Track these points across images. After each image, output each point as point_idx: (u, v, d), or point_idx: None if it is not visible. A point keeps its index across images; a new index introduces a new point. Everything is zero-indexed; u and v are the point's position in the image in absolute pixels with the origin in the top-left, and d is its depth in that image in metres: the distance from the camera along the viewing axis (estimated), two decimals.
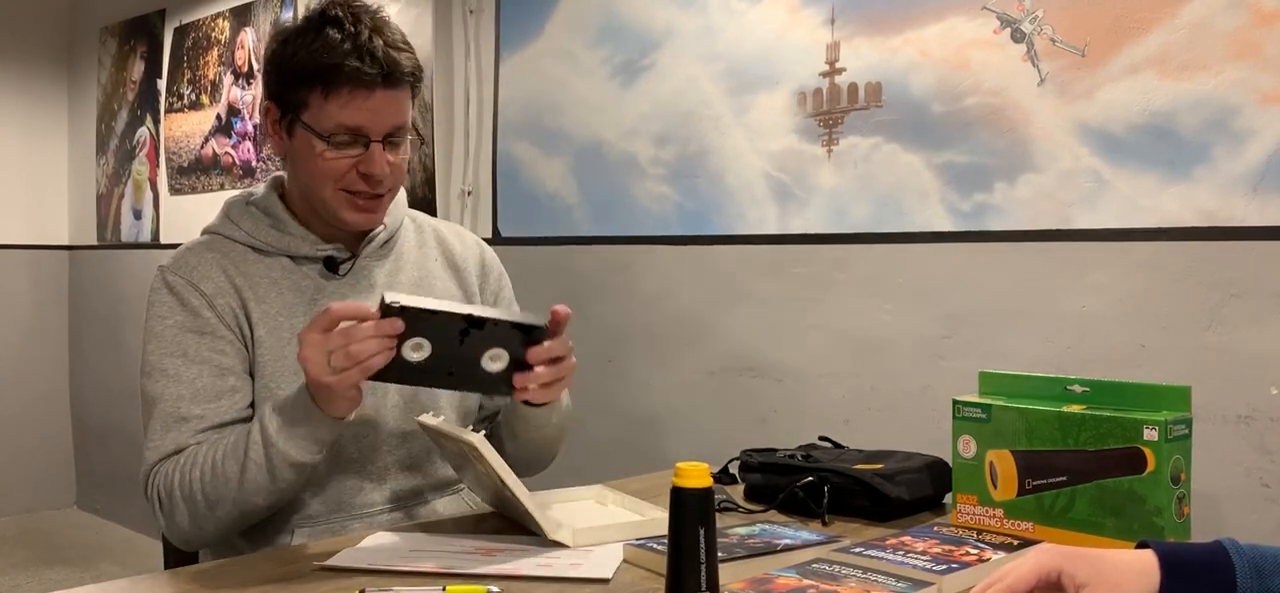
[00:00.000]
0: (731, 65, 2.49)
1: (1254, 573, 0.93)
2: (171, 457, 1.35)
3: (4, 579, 3.92)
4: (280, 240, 1.45)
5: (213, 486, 1.30)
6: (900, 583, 1.08)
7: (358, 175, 1.39)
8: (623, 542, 1.25)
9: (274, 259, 1.45)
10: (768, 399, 2.43)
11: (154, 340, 1.40)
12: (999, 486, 1.32)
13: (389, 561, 1.18)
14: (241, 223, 1.46)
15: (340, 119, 1.36)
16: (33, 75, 4.87)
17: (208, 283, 1.41)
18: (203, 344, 1.38)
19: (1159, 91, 1.86)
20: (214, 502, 1.31)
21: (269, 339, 1.41)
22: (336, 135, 1.37)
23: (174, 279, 1.41)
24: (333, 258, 1.46)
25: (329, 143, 1.37)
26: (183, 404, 1.36)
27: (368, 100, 1.35)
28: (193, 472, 1.32)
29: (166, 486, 1.34)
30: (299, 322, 1.42)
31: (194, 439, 1.35)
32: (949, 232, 2.13)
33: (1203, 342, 1.82)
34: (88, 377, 4.92)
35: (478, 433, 1.25)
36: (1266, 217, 1.75)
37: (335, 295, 1.46)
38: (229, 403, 1.38)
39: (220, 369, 1.38)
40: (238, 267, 1.43)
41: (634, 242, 2.70)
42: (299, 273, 1.46)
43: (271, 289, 1.43)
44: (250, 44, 3.95)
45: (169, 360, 1.38)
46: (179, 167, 4.32)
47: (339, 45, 1.34)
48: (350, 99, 1.35)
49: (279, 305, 1.43)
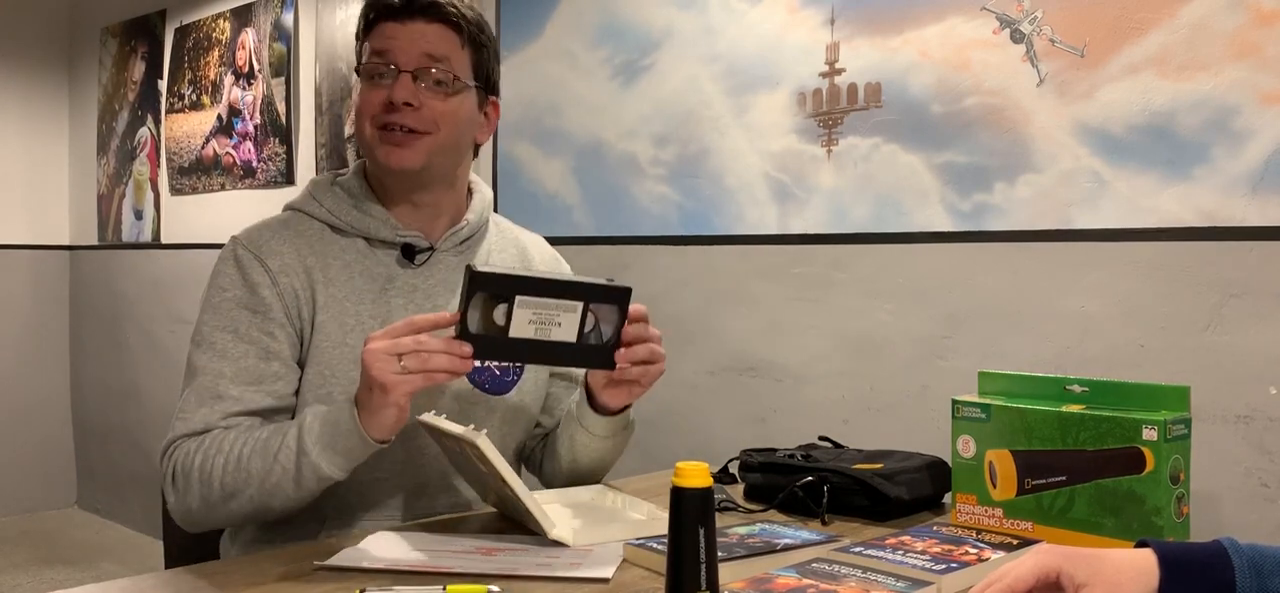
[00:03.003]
0: (731, 65, 2.49)
1: (1253, 573, 0.93)
2: (197, 435, 1.34)
3: (4, 579, 3.92)
4: (360, 221, 1.44)
5: (234, 478, 1.28)
6: (900, 583, 1.09)
7: (385, 103, 1.38)
8: (623, 542, 1.25)
9: (350, 240, 1.44)
10: (767, 399, 2.43)
11: (210, 310, 1.39)
12: (998, 485, 1.32)
13: (389, 560, 1.18)
14: (323, 200, 1.46)
15: (372, 46, 1.39)
16: (33, 76, 4.87)
17: (275, 258, 1.39)
18: (255, 324, 1.37)
19: (1159, 91, 1.86)
20: (231, 493, 1.29)
21: (331, 325, 1.39)
22: (369, 64, 1.39)
23: (242, 252, 1.40)
24: (410, 245, 1.45)
25: (363, 78, 1.39)
26: (222, 382, 1.35)
27: (399, 28, 1.38)
28: (217, 458, 1.30)
29: (185, 464, 1.32)
30: (365, 309, 1.41)
31: (223, 422, 1.34)
32: (949, 232, 2.13)
33: (1202, 342, 1.82)
34: (88, 377, 4.92)
35: (479, 432, 1.25)
36: (1266, 217, 1.75)
37: (407, 285, 1.45)
38: (268, 388, 1.36)
39: (266, 352, 1.37)
40: (312, 246, 1.42)
41: (634, 242, 2.70)
42: (373, 257, 1.44)
43: (343, 272, 1.42)
44: (251, 44, 3.95)
45: (219, 335, 1.37)
46: (180, 167, 4.32)
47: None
48: (382, 27, 1.39)
49: (348, 290, 1.41)
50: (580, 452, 1.51)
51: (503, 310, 1.24)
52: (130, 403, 4.61)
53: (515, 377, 1.51)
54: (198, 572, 1.20)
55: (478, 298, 1.23)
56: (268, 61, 3.87)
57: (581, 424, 1.49)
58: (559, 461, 1.55)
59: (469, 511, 1.50)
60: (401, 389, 1.20)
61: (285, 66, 3.79)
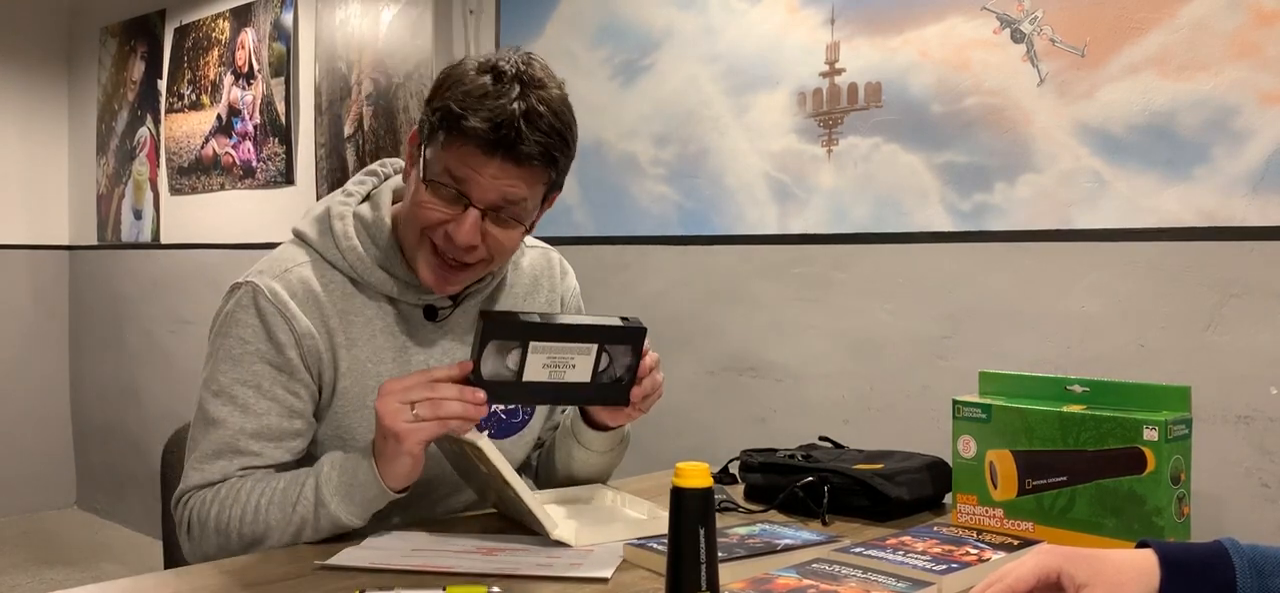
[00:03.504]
0: (731, 65, 2.49)
1: (1254, 573, 0.93)
2: (212, 486, 1.31)
3: (4, 579, 3.92)
4: (384, 283, 1.37)
5: (252, 527, 1.27)
6: (900, 583, 1.08)
7: (446, 234, 1.29)
8: (623, 542, 1.25)
9: (373, 294, 1.38)
10: (767, 399, 2.43)
11: (230, 362, 1.32)
12: (999, 485, 1.32)
13: (389, 560, 1.18)
14: (347, 254, 1.37)
15: (447, 164, 1.26)
16: (33, 75, 4.87)
17: (299, 321, 1.32)
18: (279, 381, 1.32)
19: (1159, 91, 1.86)
20: (249, 542, 1.28)
21: (353, 388, 1.36)
22: (438, 180, 1.27)
23: (266, 304, 1.32)
24: (433, 308, 1.41)
25: (428, 185, 1.28)
26: (242, 439, 1.30)
27: (483, 164, 1.25)
28: (233, 509, 1.27)
29: (201, 515, 1.29)
30: (386, 370, 1.37)
31: (238, 473, 1.31)
32: (949, 232, 2.13)
33: (1202, 342, 1.82)
34: (88, 377, 4.92)
35: (481, 432, 1.25)
36: (1266, 217, 1.75)
37: (428, 339, 1.41)
38: (289, 446, 1.33)
39: (290, 411, 1.33)
40: (334, 303, 1.36)
41: (634, 242, 2.70)
42: (396, 314, 1.40)
43: (364, 330, 1.37)
44: (250, 44, 3.95)
45: (240, 389, 1.31)
46: (179, 167, 4.32)
47: (481, 99, 1.24)
48: (464, 153, 1.25)
49: (369, 351, 1.37)
50: (577, 467, 1.51)
51: (516, 355, 1.24)
52: (130, 403, 4.61)
53: (524, 419, 1.50)
54: (197, 572, 1.20)
55: (492, 344, 1.23)
56: (267, 61, 3.87)
57: (578, 440, 1.49)
58: (555, 473, 1.55)
59: (469, 511, 1.50)
60: (415, 438, 1.20)
61: (285, 66, 3.79)
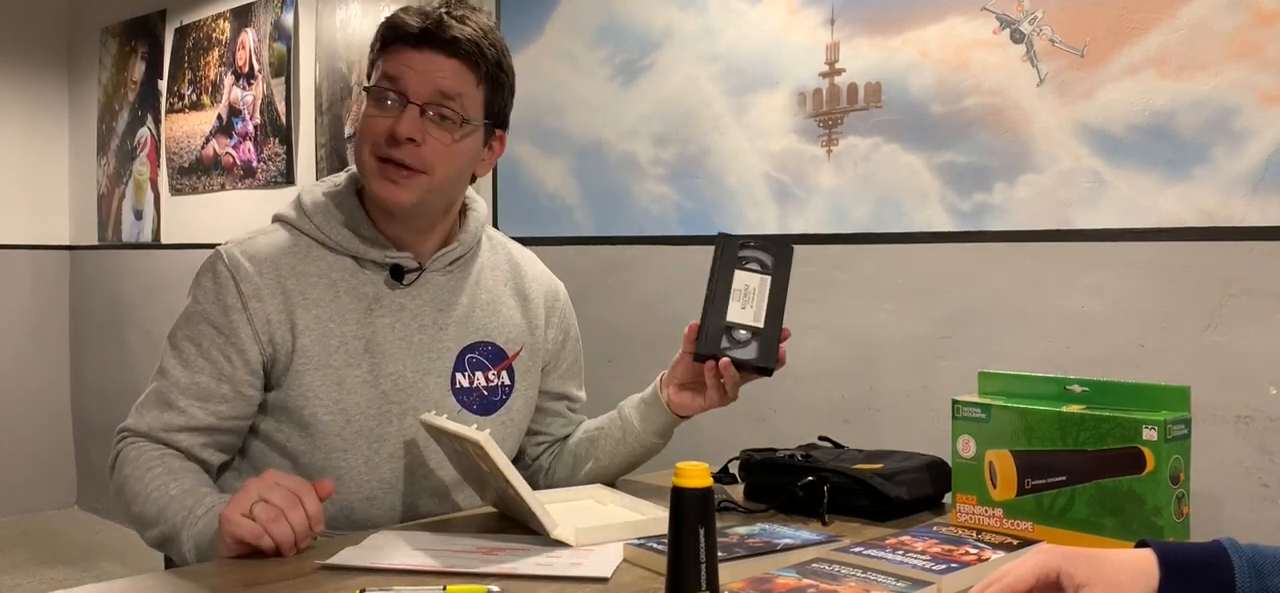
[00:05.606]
0: (731, 65, 2.49)
1: (1253, 573, 0.93)
2: (144, 436, 1.38)
3: (4, 579, 3.92)
4: (349, 241, 1.42)
5: (133, 500, 1.34)
6: (900, 583, 1.09)
7: (391, 135, 1.34)
8: (623, 542, 1.25)
9: (339, 257, 1.42)
10: (768, 399, 2.43)
11: (185, 318, 1.41)
12: (998, 485, 1.32)
13: (389, 560, 1.19)
14: (314, 216, 1.43)
15: (384, 69, 1.36)
16: (33, 75, 4.87)
17: (250, 282, 1.38)
18: (216, 343, 1.38)
19: (1159, 92, 1.86)
20: (128, 505, 1.35)
21: (314, 347, 1.38)
22: (378, 86, 1.36)
23: (221, 268, 1.40)
24: (399, 267, 1.43)
25: (370, 97, 1.37)
26: (175, 392, 1.38)
27: (416, 56, 1.34)
28: (134, 470, 1.34)
29: (121, 458, 1.38)
30: (349, 330, 1.40)
31: (165, 433, 1.37)
32: (949, 232, 2.13)
33: (1202, 342, 1.82)
34: (88, 377, 4.92)
35: (482, 431, 1.25)
36: (1266, 217, 1.75)
37: (394, 305, 1.43)
38: (214, 409, 1.37)
39: (220, 374, 1.38)
40: (294, 267, 1.40)
41: (634, 242, 2.70)
42: (361, 276, 1.43)
43: (327, 291, 1.40)
44: (251, 44, 3.95)
45: (186, 344, 1.39)
46: (180, 167, 4.32)
47: (409, 11, 1.35)
48: (396, 53, 1.35)
49: (333, 309, 1.40)
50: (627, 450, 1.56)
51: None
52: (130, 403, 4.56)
53: (504, 398, 1.53)
54: (197, 572, 1.20)
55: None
56: (268, 61, 3.87)
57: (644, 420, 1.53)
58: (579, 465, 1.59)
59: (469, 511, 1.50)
60: (231, 530, 1.18)
61: (285, 66, 3.79)
